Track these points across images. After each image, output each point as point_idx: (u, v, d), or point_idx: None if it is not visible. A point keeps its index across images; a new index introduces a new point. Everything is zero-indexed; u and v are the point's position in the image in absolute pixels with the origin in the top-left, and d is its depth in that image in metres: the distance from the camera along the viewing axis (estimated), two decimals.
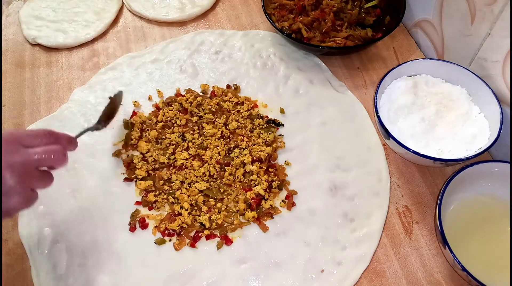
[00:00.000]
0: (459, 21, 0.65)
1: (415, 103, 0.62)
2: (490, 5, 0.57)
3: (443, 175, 0.62)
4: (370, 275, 0.55)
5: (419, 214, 0.59)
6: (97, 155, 0.66)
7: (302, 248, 0.56)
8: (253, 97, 0.71)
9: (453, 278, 0.54)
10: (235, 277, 0.55)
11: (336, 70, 0.74)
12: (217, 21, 0.84)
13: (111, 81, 0.74)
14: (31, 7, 0.86)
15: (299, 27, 0.71)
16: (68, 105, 0.72)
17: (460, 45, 0.66)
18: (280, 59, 0.75)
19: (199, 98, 0.69)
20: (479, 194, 0.57)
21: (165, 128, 0.68)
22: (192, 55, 0.77)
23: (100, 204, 0.61)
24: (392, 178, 0.62)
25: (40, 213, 0.61)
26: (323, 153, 0.64)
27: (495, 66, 0.60)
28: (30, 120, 0.71)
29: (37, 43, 0.81)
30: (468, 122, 0.60)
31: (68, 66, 0.78)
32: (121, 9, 0.87)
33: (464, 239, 0.54)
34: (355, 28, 0.73)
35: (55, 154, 0.46)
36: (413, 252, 0.56)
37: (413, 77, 0.65)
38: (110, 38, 0.82)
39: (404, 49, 0.76)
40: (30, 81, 0.77)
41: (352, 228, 0.58)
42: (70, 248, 0.58)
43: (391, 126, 0.60)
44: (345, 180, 0.62)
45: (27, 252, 0.58)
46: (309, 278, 0.54)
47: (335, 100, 0.70)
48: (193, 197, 0.60)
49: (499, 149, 0.61)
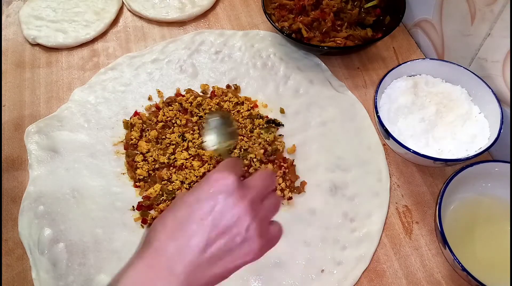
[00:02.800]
0: (459, 21, 0.65)
1: (415, 103, 0.62)
2: (490, 5, 0.57)
3: (443, 175, 0.62)
4: (370, 275, 0.55)
5: (419, 214, 0.59)
6: (97, 155, 0.66)
7: (302, 248, 0.56)
8: (253, 97, 0.71)
9: (453, 278, 0.54)
10: (235, 277, 0.54)
11: (336, 70, 0.74)
12: (217, 21, 0.84)
13: (111, 81, 0.74)
14: (31, 7, 0.86)
15: (299, 27, 0.71)
16: (68, 105, 0.72)
17: (460, 45, 0.66)
18: (280, 59, 0.75)
19: (199, 98, 0.69)
20: (479, 194, 0.57)
21: (165, 128, 0.68)
22: (192, 55, 0.77)
23: (100, 204, 0.61)
24: (392, 178, 0.62)
25: (40, 213, 0.61)
26: (323, 153, 0.64)
27: (495, 66, 0.60)
28: (30, 120, 0.71)
29: (37, 43, 0.81)
30: (468, 122, 0.60)
31: (68, 66, 0.78)
32: (121, 9, 0.87)
33: (464, 239, 0.54)
34: (355, 28, 0.73)
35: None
36: (413, 252, 0.56)
37: (413, 77, 0.65)
38: (110, 38, 0.82)
39: (404, 49, 0.76)
40: (30, 81, 0.77)
41: (352, 228, 0.58)
42: (70, 248, 0.58)
43: (391, 126, 0.60)
44: (345, 180, 0.62)
45: (27, 252, 0.58)
46: (309, 278, 0.54)
47: (335, 100, 0.70)
48: None
49: (499, 149, 0.61)
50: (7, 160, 0.67)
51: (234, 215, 0.36)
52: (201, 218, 0.36)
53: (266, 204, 0.39)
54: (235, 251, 0.35)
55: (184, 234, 0.35)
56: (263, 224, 0.37)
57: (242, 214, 0.36)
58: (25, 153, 0.67)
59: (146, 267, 0.35)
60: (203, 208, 0.36)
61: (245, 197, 0.36)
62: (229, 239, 0.35)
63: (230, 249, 0.35)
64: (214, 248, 0.35)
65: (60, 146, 0.67)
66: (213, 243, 0.35)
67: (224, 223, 0.35)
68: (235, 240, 0.35)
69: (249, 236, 0.36)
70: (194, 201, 0.37)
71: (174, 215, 0.37)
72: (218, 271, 0.35)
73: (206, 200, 0.36)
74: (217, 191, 0.37)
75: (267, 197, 0.40)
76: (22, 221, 0.60)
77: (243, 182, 0.38)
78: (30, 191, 0.63)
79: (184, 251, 0.34)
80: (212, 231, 0.35)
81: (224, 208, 0.36)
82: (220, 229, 0.35)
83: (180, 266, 0.34)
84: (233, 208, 0.36)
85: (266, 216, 0.38)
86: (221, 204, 0.36)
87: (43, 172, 0.64)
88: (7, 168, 0.67)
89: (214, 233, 0.35)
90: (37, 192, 0.62)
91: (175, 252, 0.34)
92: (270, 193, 0.41)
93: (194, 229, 0.35)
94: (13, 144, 0.69)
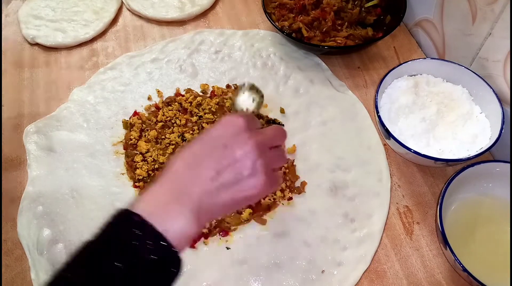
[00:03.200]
0: (460, 21, 0.64)
1: (416, 102, 0.62)
2: (491, 4, 0.57)
3: (444, 175, 0.62)
4: (370, 276, 0.55)
5: (420, 214, 0.59)
6: (97, 155, 0.66)
7: (302, 249, 0.56)
8: None
9: (454, 279, 0.54)
10: (235, 278, 0.55)
11: (337, 70, 0.74)
12: (217, 21, 0.83)
13: (111, 80, 0.74)
14: (30, 7, 0.86)
15: (299, 27, 0.71)
16: (67, 105, 0.71)
17: (461, 45, 0.66)
18: (280, 58, 0.75)
19: (199, 98, 0.69)
20: (480, 194, 0.57)
21: (164, 128, 0.67)
22: (192, 55, 0.77)
23: (99, 204, 0.61)
24: (392, 178, 0.62)
25: (39, 213, 0.60)
26: (324, 153, 0.64)
27: (496, 66, 0.60)
28: (29, 120, 0.71)
29: (36, 42, 0.81)
30: (469, 122, 0.60)
31: (67, 66, 0.78)
32: (121, 9, 0.86)
33: (465, 240, 0.54)
34: (355, 27, 0.73)
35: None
36: (414, 253, 0.56)
37: (414, 76, 0.65)
38: (110, 38, 0.82)
39: (405, 49, 0.76)
40: (29, 81, 0.77)
41: (353, 229, 0.57)
42: (69, 248, 0.57)
43: (391, 126, 0.60)
44: (345, 180, 0.61)
45: (26, 253, 0.58)
46: (310, 278, 0.54)
47: (336, 99, 0.70)
48: None
49: (500, 149, 0.61)
50: (6, 160, 0.67)
51: (242, 151, 0.39)
52: (211, 151, 0.40)
53: (272, 151, 0.43)
54: (242, 183, 0.39)
55: (198, 163, 0.39)
56: (268, 165, 0.41)
57: (250, 150, 0.39)
58: (24, 153, 0.67)
59: (162, 188, 0.38)
60: (215, 143, 0.40)
61: (253, 137, 0.40)
62: (237, 171, 0.39)
63: (238, 180, 0.39)
64: (223, 178, 0.38)
65: (59, 146, 0.67)
66: (222, 173, 0.38)
67: (233, 156, 0.39)
68: (243, 173, 0.39)
69: (255, 171, 0.39)
70: (207, 137, 0.41)
71: (190, 148, 0.41)
72: (225, 198, 0.38)
73: (218, 136, 0.41)
74: (228, 129, 0.41)
75: (274, 149, 0.43)
76: (21, 221, 0.60)
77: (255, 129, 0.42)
78: (29, 191, 0.62)
79: (197, 178, 0.38)
80: (221, 162, 0.39)
81: (233, 144, 0.40)
82: (229, 161, 0.39)
83: (193, 189, 0.38)
84: (242, 144, 0.40)
85: (271, 161, 0.42)
86: (231, 140, 0.40)
87: (42, 172, 0.64)
88: (6, 168, 0.66)
89: (223, 164, 0.39)
90: (36, 192, 0.62)
91: (189, 177, 0.38)
92: (277, 146, 0.44)
93: (206, 160, 0.39)
94: (12, 144, 0.69)
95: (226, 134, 0.41)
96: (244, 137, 0.40)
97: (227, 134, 0.41)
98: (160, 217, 0.35)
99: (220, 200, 0.38)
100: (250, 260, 0.56)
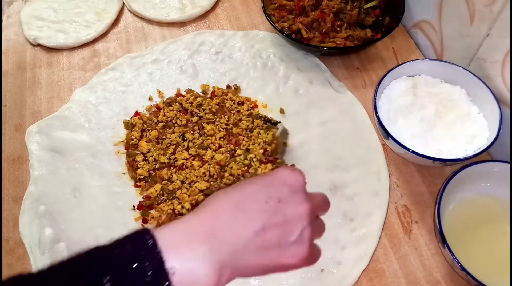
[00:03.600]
0: (458, 22, 0.65)
1: (415, 103, 0.62)
2: (489, 5, 0.57)
3: (442, 175, 0.62)
4: (369, 275, 0.55)
5: (419, 213, 0.59)
6: (98, 155, 0.66)
7: None
8: (253, 97, 0.71)
9: (452, 278, 0.54)
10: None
11: (336, 71, 0.74)
12: (217, 22, 0.84)
13: (112, 81, 0.75)
14: (32, 8, 0.86)
15: (299, 28, 0.71)
16: (69, 106, 0.72)
17: (459, 46, 0.67)
18: (280, 59, 0.76)
19: (200, 99, 0.70)
20: (478, 194, 0.57)
21: (165, 128, 0.68)
22: (193, 56, 0.77)
23: (101, 204, 0.62)
24: (391, 178, 0.62)
25: (41, 212, 0.61)
26: (323, 153, 0.65)
27: (494, 67, 0.60)
28: (31, 120, 0.71)
29: (38, 43, 0.81)
30: (467, 122, 0.60)
31: (69, 67, 0.79)
32: (122, 10, 0.87)
33: (463, 239, 0.54)
34: (354, 28, 0.73)
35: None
36: (413, 252, 0.56)
37: (412, 77, 0.65)
38: (111, 39, 0.83)
39: (404, 50, 0.77)
40: (31, 82, 0.77)
41: (352, 228, 0.58)
42: (71, 247, 0.58)
43: (390, 126, 0.60)
44: (344, 180, 0.62)
45: (28, 252, 0.58)
46: (309, 277, 0.54)
47: (335, 100, 0.70)
48: (194, 197, 0.60)
49: (498, 149, 0.61)
50: (8, 160, 0.68)
51: (296, 212, 0.35)
52: (266, 201, 0.35)
53: (318, 220, 0.39)
54: (284, 249, 0.34)
55: (246, 210, 0.34)
56: (313, 236, 0.37)
57: (304, 214, 0.35)
58: (26, 153, 0.67)
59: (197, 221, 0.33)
60: (270, 193, 0.35)
61: (309, 201, 0.36)
62: (284, 233, 0.34)
63: (280, 244, 0.34)
64: (268, 235, 0.33)
65: (61, 146, 0.67)
66: (268, 230, 0.33)
67: (285, 214, 0.34)
68: (288, 237, 0.34)
69: (302, 239, 0.35)
70: (263, 184, 0.36)
71: (241, 189, 0.36)
72: (260, 260, 0.34)
73: (275, 187, 0.36)
74: (287, 183, 0.36)
75: (318, 218, 0.40)
76: (23, 221, 0.60)
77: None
78: (31, 191, 0.63)
79: (239, 226, 0.33)
80: (272, 217, 0.34)
81: (289, 201, 0.35)
82: (280, 219, 0.34)
83: (231, 237, 0.32)
84: (297, 204, 0.35)
85: (315, 231, 0.37)
86: (287, 196, 0.35)
87: (44, 172, 0.65)
88: (8, 168, 0.67)
89: (273, 221, 0.34)
90: (38, 192, 0.63)
91: (230, 222, 0.33)
92: (319, 216, 0.40)
93: (257, 209, 0.34)
94: (14, 144, 0.69)
95: (284, 188, 0.36)
96: (301, 198, 0.36)
97: (285, 189, 0.36)
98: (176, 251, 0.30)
99: (254, 260, 0.33)
100: None
